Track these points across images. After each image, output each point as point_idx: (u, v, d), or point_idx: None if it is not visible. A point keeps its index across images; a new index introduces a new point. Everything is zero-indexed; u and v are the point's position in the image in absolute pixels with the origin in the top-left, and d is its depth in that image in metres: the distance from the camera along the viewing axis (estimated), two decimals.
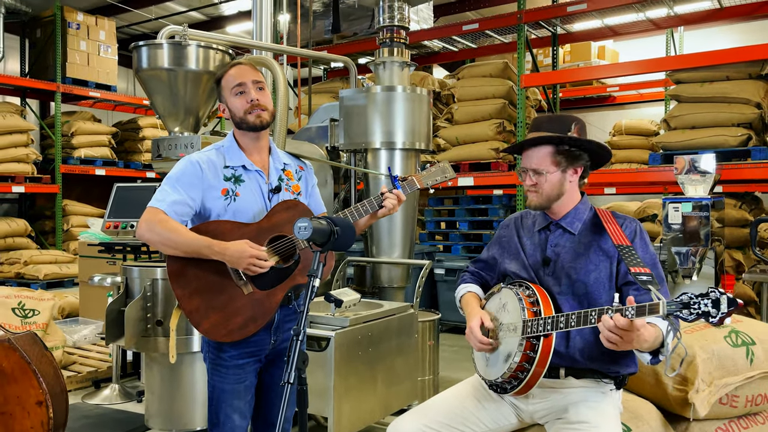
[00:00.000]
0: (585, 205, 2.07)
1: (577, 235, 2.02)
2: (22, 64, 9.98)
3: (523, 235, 2.14)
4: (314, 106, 6.33)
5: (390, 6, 3.87)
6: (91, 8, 9.85)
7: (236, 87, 2.08)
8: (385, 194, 2.11)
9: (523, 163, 2.05)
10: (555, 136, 1.99)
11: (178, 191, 2.04)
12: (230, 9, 10.12)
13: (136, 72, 3.45)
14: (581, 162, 2.03)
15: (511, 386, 1.92)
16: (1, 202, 10.24)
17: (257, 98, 2.07)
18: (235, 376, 2.11)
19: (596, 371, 1.94)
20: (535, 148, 2.02)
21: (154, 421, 3.27)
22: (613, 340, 1.65)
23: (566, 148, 2.00)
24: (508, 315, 1.96)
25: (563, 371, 1.95)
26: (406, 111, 3.78)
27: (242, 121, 2.09)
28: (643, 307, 1.58)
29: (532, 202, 2.04)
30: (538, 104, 7.73)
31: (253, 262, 1.92)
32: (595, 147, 2.03)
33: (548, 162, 1.99)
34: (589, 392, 1.93)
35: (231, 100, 2.10)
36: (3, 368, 1.89)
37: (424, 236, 7.30)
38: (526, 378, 1.87)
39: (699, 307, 1.48)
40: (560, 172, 2.00)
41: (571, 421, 1.88)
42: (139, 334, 3.07)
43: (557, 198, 2.02)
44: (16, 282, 8.08)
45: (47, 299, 4.62)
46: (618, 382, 1.97)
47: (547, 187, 2.00)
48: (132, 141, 10.17)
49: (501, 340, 1.95)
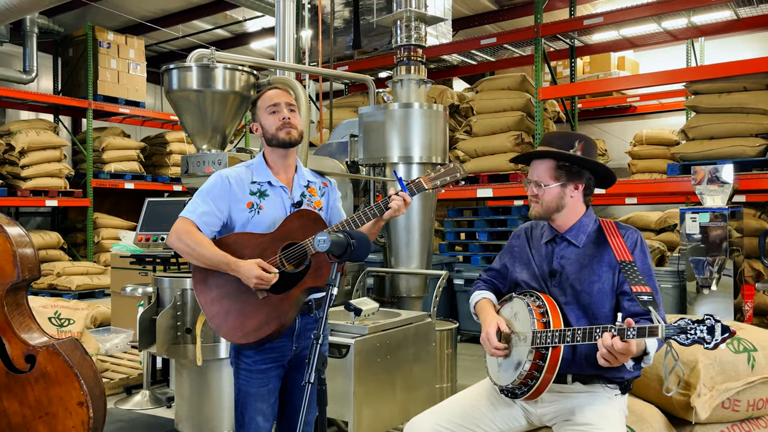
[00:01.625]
0: (589, 218, 2.17)
1: (581, 247, 2.12)
2: (55, 82, 10.35)
3: (533, 245, 2.25)
4: (337, 120, 6.51)
5: (407, 26, 4.02)
6: (121, 27, 10.19)
7: (271, 106, 2.27)
8: (391, 197, 2.23)
9: (529, 174, 2.18)
10: (556, 152, 2.11)
11: (208, 203, 2.22)
12: (254, 26, 10.39)
13: (167, 93, 3.64)
14: (582, 179, 2.13)
15: (521, 392, 2.03)
16: (35, 215, 10.60)
17: (289, 117, 2.25)
18: (259, 380, 2.25)
19: (602, 377, 2.04)
20: (540, 161, 2.15)
21: (184, 424, 3.42)
22: (607, 358, 1.78)
23: (566, 165, 2.11)
24: (519, 324, 2.06)
25: (570, 377, 2.05)
26: (423, 126, 3.92)
27: (273, 137, 2.26)
28: (643, 329, 1.69)
29: (533, 212, 2.17)
30: (556, 116, 7.82)
31: (258, 283, 2.09)
32: (594, 166, 2.13)
33: (548, 176, 2.12)
34: (594, 396, 2.04)
35: (265, 118, 2.28)
36: (47, 371, 2.05)
37: (444, 247, 7.40)
38: (535, 385, 1.98)
39: (695, 332, 1.59)
40: (559, 187, 2.11)
41: (577, 423, 1.98)
42: (170, 341, 3.23)
43: (556, 210, 2.13)
44: (48, 293, 8.36)
45: (81, 309, 4.83)
46: (623, 387, 2.07)
47: (546, 199, 2.12)
48: (159, 155, 10.46)
49: (512, 348, 2.06)
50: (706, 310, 5.28)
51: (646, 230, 8.32)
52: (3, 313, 2.02)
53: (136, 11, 9.71)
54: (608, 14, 6.42)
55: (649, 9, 6.24)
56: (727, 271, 5.24)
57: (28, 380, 2.01)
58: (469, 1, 9.09)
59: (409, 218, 3.95)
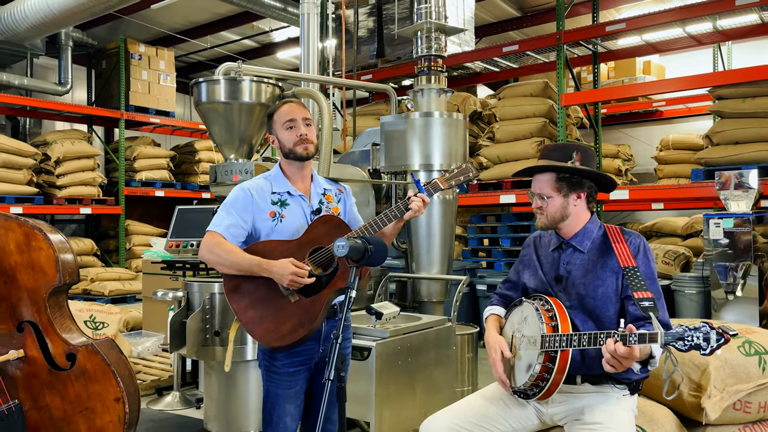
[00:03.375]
0: (594, 225, 2.25)
1: (586, 253, 2.20)
2: (89, 93, 10.68)
3: (541, 253, 2.34)
4: (361, 127, 6.64)
5: (428, 36, 4.12)
6: (152, 39, 10.48)
7: (288, 122, 2.36)
8: (411, 198, 2.32)
9: (532, 187, 2.26)
10: (554, 165, 2.19)
11: (232, 216, 2.33)
12: (280, 36, 10.60)
13: (196, 105, 3.79)
14: (584, 188, 2.22)
15: (533, 393, 2.11)
16: (69, 222, 10.92)
17: (305, 133, 2.36)
18: (287, 382, 2.35)
19: (610, 377, 2.10)
20: (541, 174, 2.23)
21: (212, 424, 3.55)
22: (612, 363, 1.85)
23: (566, 176, 2.20)
24: (528, 328, 2.14)
25: (579, 378, 2.13)
26: (443, 135, 4.01)
27: (291, 152, 2.37)
28: (644, 335, 1.77)
29: (539, 223, 2.25)
30: (579, 122, 7.84)
31: (294, 279, 2.17)
32: (591, 175, 2.22)
33: (549, 188, 2.20)
34: (604, 396, 2.10)
35: (282, 133, 2.38)
36: (86, 369, 2.18)
37: (467, 253, 7.47)
38: (546, 386, 2.05)
39: (692, 339, 1.66)
40: (562, 197, 2.19)
41: (587, 422, 2.05)
42: (199, 343, 3.37)
43: (561, 220, 2.21)
44: (83, 297, 8.62)
45: (115, 313, 5.02)
46: (632, 387, 2.13)
47: (550, 210, 2.20)
48: (189, 163, 10.71)
49: (523, 351, 2.14)
50: (732, 316, 5.26)
51: (673, 236, 8.27)
52: (46, 315, 2.16)
53: (166, 24, 9.99)
54: (631, 20, 6.43)
55: (673, 14, 6.24)
56: (752, 277, 5.22)
57: (69, 377, 2.15)
58: (492, 8, 9.16)
59: (430, 224, 4.04)
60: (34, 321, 2.15)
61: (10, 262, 2.14)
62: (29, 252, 2.15)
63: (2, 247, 2.15)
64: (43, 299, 2.16)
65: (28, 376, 2.13)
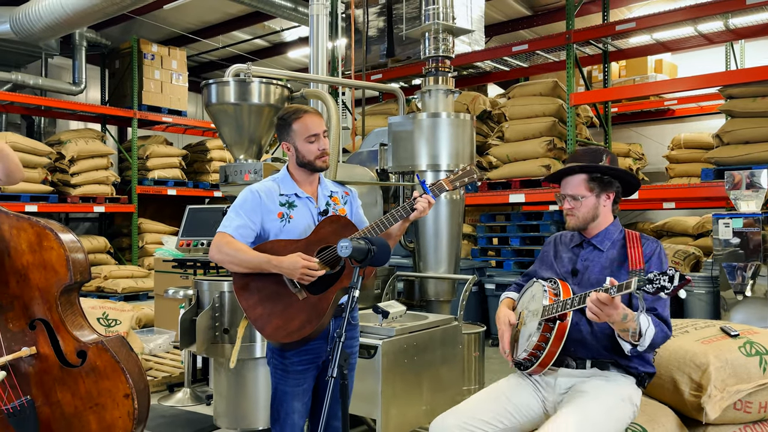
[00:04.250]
0: (616, 227, 2.34)
1: (605, 252, 2.29)
2: (103, 93, 10.79)
3: (561, 250, 2.43)
4: (370, 127, 6.66)
5: (435, 38, 4.14)
6: (164, 39, 10.58)
7: (311, 136, 2.40)
8: (416, 199, 2.36)
9: (561, 189, 2.35)
10: (588, 165, 2.28)
11: (242, 217, 2.37)
12: (291, 36, 10.65)
13: (206, 106, 3.84)
14: (613, 188, 2.32)
15: (530, 363, 2.19)
16: (83, 221, 11.06)
17: (326, 148, 2.41)
18: (296, 380, 2.40)
19: (618, 365, 2.17)
20: (571, 177, 2.32)
21: (222, 420, 3.60)
22: (594, 311, 1.96)
23: (598, 176, 2.29)
24: (534, 303, 2.25)
25: (589, 362, 2.19)
26: (450, 135, 4.04)
27: (310, 164, 2.42)
28: (621, 285, 1.89)
29: (570, 224, 2.34)
30: (589, 121, 7.82)
31: (305, 272, 2.21)
32: (624, 174, 2.33)
33: (583, 188, 2.29)
34: (605, 380, 2.14)
35: (303, 145, 2.41)
36: (97, 366, 2.23)
37: (476, 252, 7.48)
38: (542, 356, 2.14)
39: (659, 282, 1.78)
40: (594, 197, 2.29)
41: (575, 391, 2.13)
42: (209, 341, 3.42)
43: (592, 220, 2.31)
44: (96, 295, 8.72)
45: (127, 310, 5.09)
46: (639, 379, 2.17)
47: (582, 210, 2.29)
48: (200, 162, 10.80)
49: (527, 324, 2.25)
50: (741, 316, 5.24)
51: (684, 235, 8.23)
52: (57, 313, 2.22)
53: (178, 23, 10.08)
54: (641, 19, 6.42)
55: (684, 13, 6.22)
56: (762, 277, 5.20)
57: (80, 374, 2.20)
58: (502, 7, 9.15)
59: (437, 224, 4.07)
60: (46, 319, 2.21)
61: (22, 261, 2.20)
62: (41, 252, 2.20)
63: (15, 246, 2.20)
64: (54, 298, 2.21)
65: (40, 373, 2.19)
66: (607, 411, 2.05)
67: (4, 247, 2.21)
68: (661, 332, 2.08)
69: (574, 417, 1.98)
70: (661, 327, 2.08)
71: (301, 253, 2.25)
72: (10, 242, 2.22)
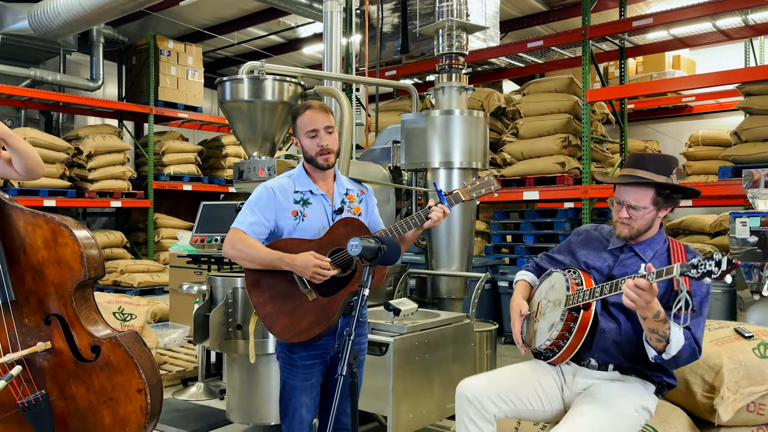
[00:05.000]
0: (660, 236, 2.25)
1: (647, 261, 2.18)
2: (120, 89, 10.89)
3: (594, 244, 2.34)
4: (385, 123, 6.66)
5: (449, 35, 4.13)
6: (180, 35, 10.64)
7: (310, 131, 2.40)
8: (431, 207, 2.37)
9: (620, 195, 2.21)
10: (663, 184, 2.15)
11: (255, 214, 2.39)
12: (306, 32, 10.66)
13: (220, 103, 3.87)
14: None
15: (552, 354, 2.16)
16: (100, 215, 11.18)
17: (327, 143, 2.39)
18: (304, 375, 2.41)
19: (640, 371, 2.13)
20: (637, 186, 2.17)
21: (235, 415, 3.63)
22: (631, 298, 1.87)
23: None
24: (554, 293, 2.21)
25: (611, 366, 2.16)
26: (463, 133, 4.02)
27: (312, 160, 2.42)
28: (661, 271, 1.82)
29: (622, 233, 2.21)
30: (605, 117, 7.76)
31: (317, 270, 2.22)
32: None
33: (648, 201, 2.16)
34: (623, 387, 2.12)
35: (304, 140, 2.42)
36: (110, 361, 2.26)
37: (490, 249, 7.46)
38: (564, 346, 2.11)
39: (705, 267, 1.72)
40: (656, 210, 2.18)
41: (589, 394, 2.10)
42: (222, 336, 3.45)
43: (646, 231, 2.21)
44: (113, 289, 8.83)
45: (143, 305, 5.14)
46: (659, 387, 2.14)
47: (640, 223, 2.18)
48: (216, 158, 10.86)
49: (548, 314, 2.20)
50: (758, 316, 5.18)
51: (701, 233, 8.13)
52: (72, 308, 2.24)
53: (194, 20, 10.13)
54: (658, 15, 6.34)
55: (701, 9, 6.13)
56: None
57: (94, 369, 2.23)
58: (518, 3, 9.09)
59: (449, 221, 4.06)
60: (60, 314, 2.24)
61: (38, 257, 2.23)
62: (56, 248, 2.23)
63: (30, 243, 2.23)
64: (69, 293, 2.24)
65: (55, 367, 2.22)
66: (616, 420, 2.02)
67: (20, 243, 2.25)
68: (689, 348, 1.99)
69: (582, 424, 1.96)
70: (691, 343, 2.01)
71: (313, 252, 2.26)
72: (26, 238, 2.25)
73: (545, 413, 2.22)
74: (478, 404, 2.17)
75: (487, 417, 2.15)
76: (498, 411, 2.17)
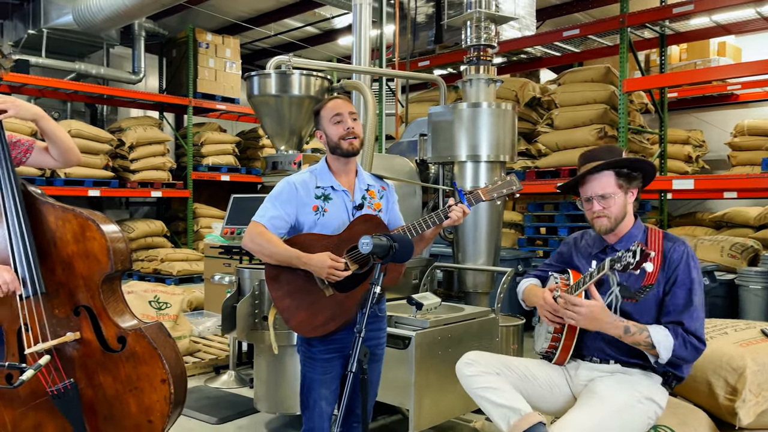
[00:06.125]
0: (638, 229, 2.24)
1: None
2: (160, 81, 11.13)
3: (580, 253, 2.37)
4: (417, 114, 6.64)
5: (477, 26, 4.09)
6: (218, 28, 10.79)
7: (335, 116, 2.42)
8: (451, 207, 2.37)
9: (586, 193, 2.24)
10: (616, 160, 2.19)
11: (276, 208, 2.43)
12: (342, 23, 10.69)
13: (249, 98, 3.92)
14: (636, 183, 2.23)
15: (552, 355, 2.23)
16: (142, 205, 11.48)
17: (352, 127, 2.42)
18: (323, 368, 2.45)
19: (643, 366, 2.13)
20: (597, 176, 2.22)
21: (262, 404, 3.71)
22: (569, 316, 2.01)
23: (625, 171, 2.19)
24: None
25: (612, 361, 2.17)
26: (491, 125, 3.99)
27: (337, 146, 2.44)
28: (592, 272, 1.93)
29: (603, 227, 2.22)
30: (644, 107, 7.57)
31: (332, 272, 2.26)
32: (647, 166, 2.25)
33: (613, 185, 2.20)
34: (624, 379, 2.10)
35: (329, 128, 2.45)
36: (136, 351, 2.34)
37: (523, 241, 7.38)
38: (559, 347, 2.18)
39: (625, 259, 1.82)
40: (623, 194, 2.21)
41: (590, 390, 2.11)
42: (249, 327, 3.52)
43: (622, 219, 2.21)
44: (153, 277, 9.08)
45: (177, 294, 5.28)
46: (665, 379, 2.11)
47: (615, 210, 2.19)
48: (253, 149, 11.02)
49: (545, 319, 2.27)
50: None
51: (745, 226, 7.89)
52: (99, 300, 2.32)
53: (231, 12, 10.27)
54: (699, 1, 6.14)
55: None
56: None
57: (120, 359, 2.31)
58: None
59: (476, 215, 4.04)
60: (89, 306, 2.32)
61: (67, 251, 2.32)
62: (84, 242, 2.31)
63: (60, 237, 2.32)
64: (97, 285, 2.32)
65: (83, 357, 2.31)
66: (617, 412, 2.01)
67: (51, 237, 2.34)
68: (686, 344, 1.99)
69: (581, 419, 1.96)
70: (688, 339, 1.99)
71: (329, 253, 2.28)
72: (56, 233, 2.34)
73: (553, 398, 2.22)
74: (482, 360, 2.24)
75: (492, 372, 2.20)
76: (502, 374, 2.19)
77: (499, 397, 2.09)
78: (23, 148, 2.45)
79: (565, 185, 2.37)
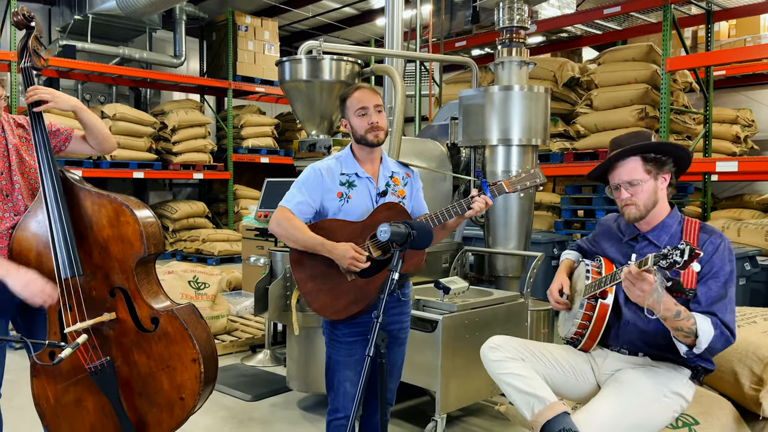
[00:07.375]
0: (673, 219, 2.18)
1: (662, 248, 2.08)
2: (201, 65, 11.30)
3: (610, 238, 2.35)
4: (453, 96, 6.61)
5: (510, 7, 4.03)
6: (257, 11, 10.87)
7: (360, 110, 2.45)
8: (474, 198, 2.38)
9: (614, 180, 2.19)
10: (642, 145, 2.13)
11: (303, 194, 2.48)
12: (379, 2, 10.63)
13: (280, 83, 3.97)
14: (668, 168, 2.16)
15: (577, 342, 2.22)
16: (185, 186, 11.75)
17: (377, 121, 2.44)
18: (347, 350, 2.51)
19: (672, 360, 2.11)
20: (623, 162, 2.15)
21: (294, 383, 3.81)
22: (626, 286, 1.91)
23: (653, 156, 2.13)
24: (580, 283, 2.25)
25: (641, 353, 2.16)
26: (523, 109, 3.95)
27: (362, 138, 2.47)
28: (640, 261, 1.86)
29: (632, 215, 2.17)
30: (688, 86, 7.34)
31: (353, 263, 2.31)
32: (677, 150, 2.18)
33: (640, 171, 2.13)
34: (652, 372, 2.09)
35: (354, 120, 2.48)
36: (168, 332, 2.43)
37: (560, 224, 7.30)
38: (587, 334, 2.16)
39: (671, 257, 1.74)
40: (653, 180, 2.14)
41: (616, 380, 2.10)
42: (280, 308, 3.61)
43: (653, 207, 2.15)
44: (195, 257, 9.32)
45: (216, 274, 5.42)
46: (694, 373, 2.09)
47: (643, 197, 2.13)
48: (291, 131, 11.13)
49: (574, 302, 2.27)
50: None
51: None
52: (134, 282, 2.43)
53: None
54: None
55: None
56: None
57: (153, 338, 2.42)
58: None
59: (507, 198, 4.03)
60: (124, 287, 2.42)
61: (103, 235, 2.42)
62: (119, 226, 2.41)
63: (96, 221, 2.42)
64: (131, 268, 2.42)
65: (119, 336, 2.42)
66: (642, 405, 2.00)
67: (87, 221, 2.44)
68: (722, 336, 1.95)
69: (606, 409, 1.96)
70: (722, 330, 1.96)
71: (353, 244, 2.33)
72: (93, 217, 2.44)
73: (577, 385, 2.22)
74: (507, 345, 2.23)
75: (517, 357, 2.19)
76: (527, 360, 2.19)
77: (524, 384, 2.10)
78: (62, 137, 2.56)
79: (593, 172, 2.33)
